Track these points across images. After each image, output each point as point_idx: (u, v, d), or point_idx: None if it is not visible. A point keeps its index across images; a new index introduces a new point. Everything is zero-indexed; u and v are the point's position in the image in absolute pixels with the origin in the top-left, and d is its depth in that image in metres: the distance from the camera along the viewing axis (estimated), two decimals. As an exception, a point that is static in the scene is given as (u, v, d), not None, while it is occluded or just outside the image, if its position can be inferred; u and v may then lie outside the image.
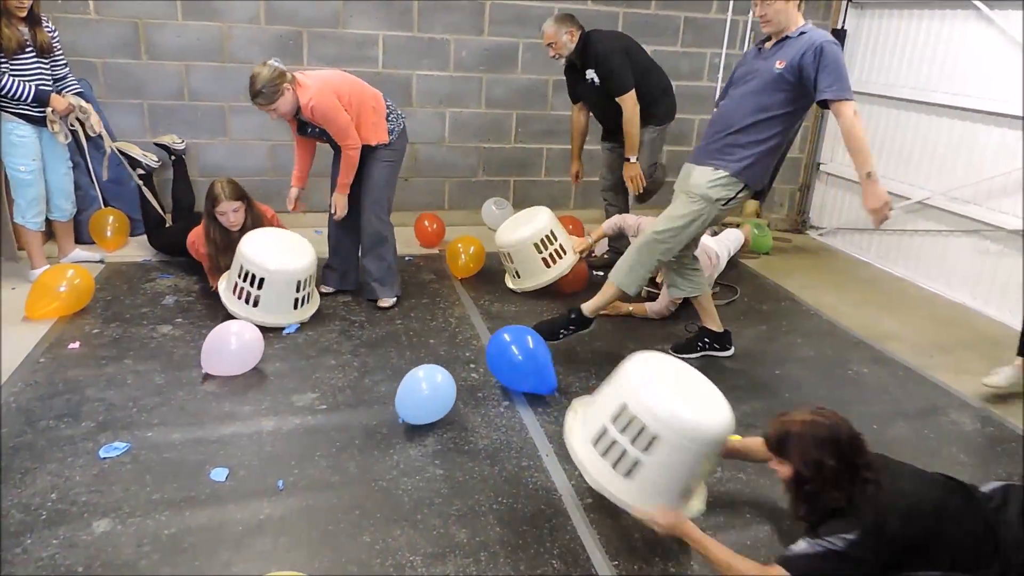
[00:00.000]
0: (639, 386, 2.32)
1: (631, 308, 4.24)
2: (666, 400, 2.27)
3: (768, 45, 3.29)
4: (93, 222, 4.80)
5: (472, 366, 3.56)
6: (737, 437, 3.03)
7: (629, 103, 4.50)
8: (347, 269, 4.27)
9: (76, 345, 3.53)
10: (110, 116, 4.96)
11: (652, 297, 4.32)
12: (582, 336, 3.95)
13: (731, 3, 5.85)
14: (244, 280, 3.74)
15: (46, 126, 4.05)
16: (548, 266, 4.35)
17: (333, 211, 4.05)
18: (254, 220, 4.03)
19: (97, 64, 4.91)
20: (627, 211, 4.95)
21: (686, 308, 4.31)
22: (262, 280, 3.71)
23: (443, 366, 3.49)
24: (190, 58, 5.07)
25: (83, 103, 4.17)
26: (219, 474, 2.63)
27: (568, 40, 4.44)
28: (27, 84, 3.91)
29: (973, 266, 4.83)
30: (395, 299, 4.20)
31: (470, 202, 5.91)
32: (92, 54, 4.87)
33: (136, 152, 4.92)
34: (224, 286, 3.87)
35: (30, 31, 3.94)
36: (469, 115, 5.69)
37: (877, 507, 1.97)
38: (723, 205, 3.35)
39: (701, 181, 3.35)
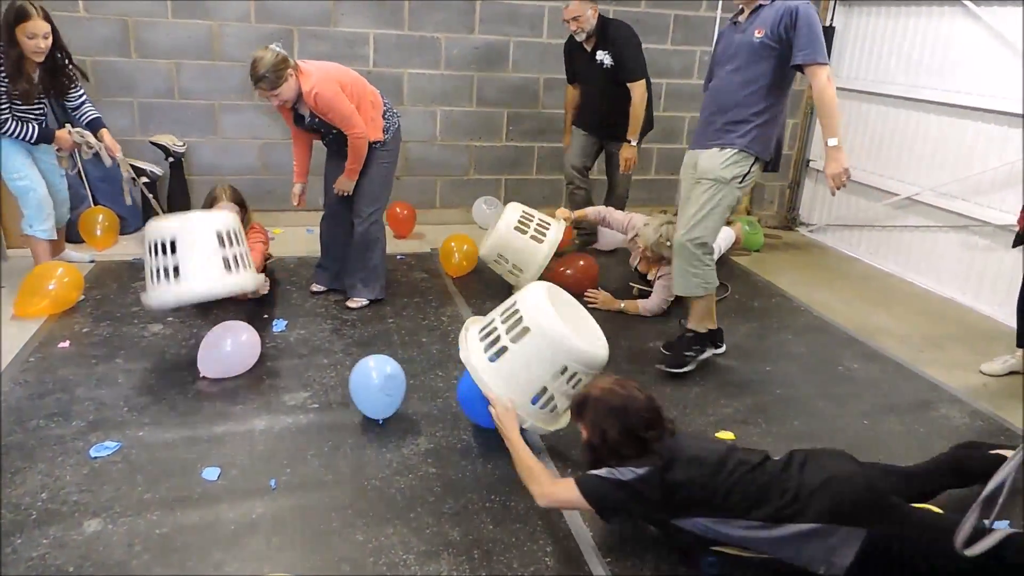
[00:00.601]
0: (531, 292, 2.69)
1: (623, 305, 4.25)
2: (548, 307, 2.61)
3: (743, 17, 3.28)
4: (83, 221, 4.79)
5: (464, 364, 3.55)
6: (730, 435, 3.06)
7: (639, 90, 4.62)
8: (339, 269, 4.24)
9: (66, 344, 3.51)
10: (100, 113, 4.93)
11: (644, 295, 4.33)
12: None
13: (720, 1, 5.86)
14: (156, 255, 3.21)
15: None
16: (540, 242, 4.22)
17: (337, 190, 3.96)
18: (246, 227, 3.98)
19: (87, 62, 4.86)
20: (591, 194, 5.13)
21: (680, 305, 4.32)
22: (173, 242, 3.20)
23: (436, 365, 3.52)
24: (180, 56, 5.05)
25: (89, 138, 4.08)
26: (211, 473, 2.62)
27: (591, 16, 4.51)
28: (30, 125, 3.89)
29: (962, 261, 4.85)
30: (367, 301, 4.14)
31: (461, 200, 5.91)
32: (81, 52, 4.82)
33: (141, 164, 4.94)
34: (147, 289, 3.35)
35: (48, 74, 3.89)
36: (460, 114, 5.69)
37: (668, 455, 2.16)
38: (739, 183, 3.32)
39: (712, 164, 3.32)
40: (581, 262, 4.49)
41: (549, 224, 4.31)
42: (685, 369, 3.55)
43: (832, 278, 5.18)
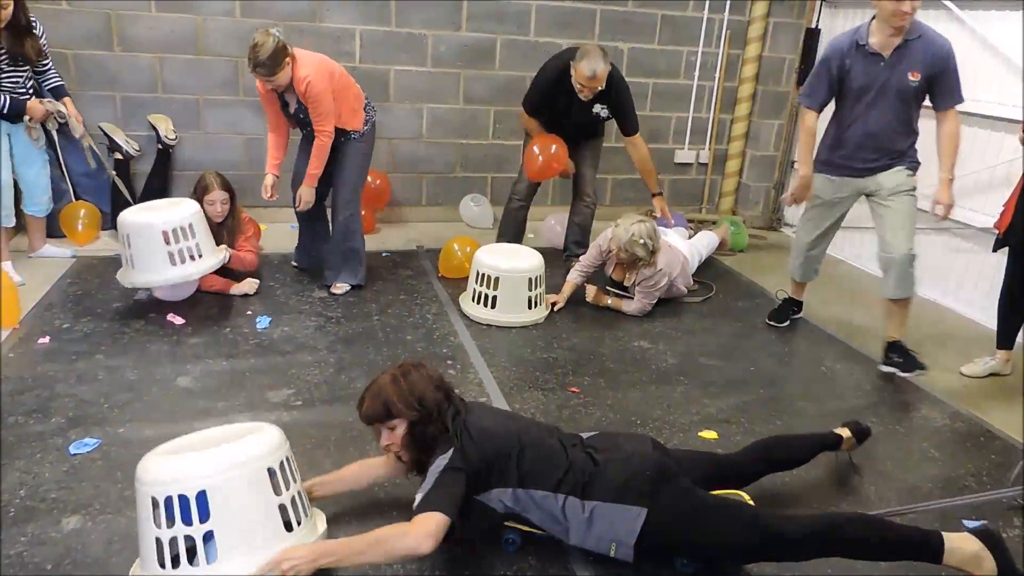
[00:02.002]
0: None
1: (609, 301, 4.25)
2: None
3: (883, 48, 3.35)
4: (64, 215, 4.74)
5: (449, 362, 3.55)
6: (713, 434, 3.07)
7: (643, 144, 4.62)
8: (315, 251, 4.45)
9: (46, 340, 3.48)
10: (82, 108, 4.86)
11: (628, 294, 4.33)
12: (560, 333, 3.98)
13: (707, 2, 5.88)
14: (123, 244, 3.72)
15: (15, 122, 3.99)
16: (530, 307, 4.06)
17: (297, 203, 4.12)
18: (235, 216, 4.12)
19: (68, 55, 4.83)
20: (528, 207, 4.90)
21: (664, 306, 4.34)
22: (128, 236, 3.67)
23: (421, 362, 3.50)
24: (164, 50, 5.01)
25: (60, 107, 4.08)
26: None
27: None
28: (2, 95, 3.86)
29: (944, 263, 4.89)
30: (349, 287, 4.26)
31: (448, 198, 5.90)
32: (63, 45, 4.79)
33: (120, 136, 4.90)
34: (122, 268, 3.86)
35: (14, 39, 3.84)
36: (447, 111, 5.67)
37: (463, 432, 2.21)
38: None
39: (904, 180, 3.61)
40: (554, 147, 4.51)
41: (540, 302, 4.13)
42: (923, 370, 3.66)
43: (815, 279, 5.20)
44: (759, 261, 5.48)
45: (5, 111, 3.87)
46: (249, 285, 4.12)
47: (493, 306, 4.02)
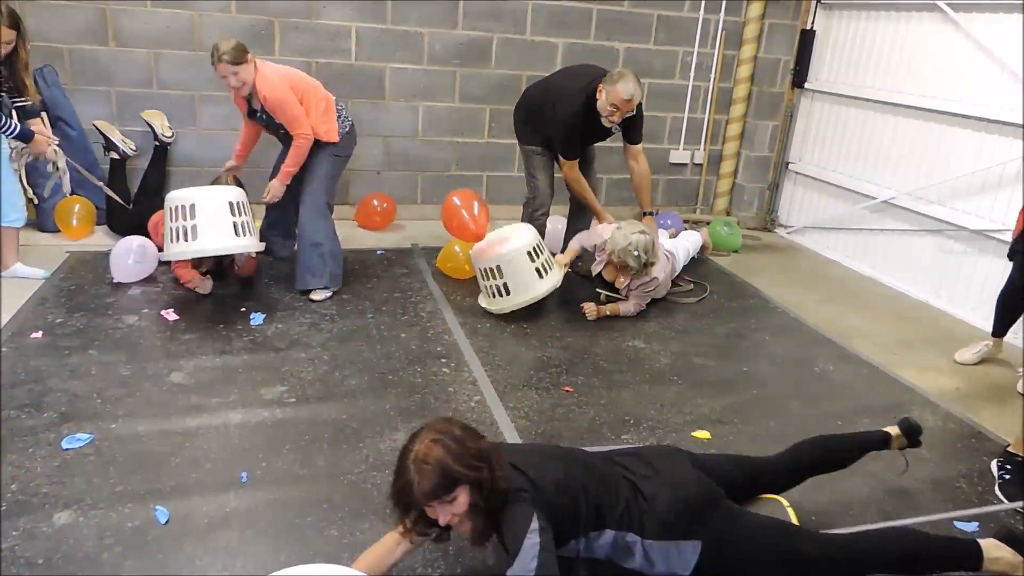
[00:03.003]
0: None
1: (607, 311, 4.24)
2: None
3: None
4: (59, 210, 4.72)
5: (443, 360, 3.55)
6: (706, 434, 3.08)
7: (645, 158, 4.55)
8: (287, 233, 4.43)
9: (39, 334, 3.46)
10: (76, 103, 4.87)
11: (611, 300, 4.30)
12: (554, 332, 3.97)
13: (703, 2, 5.89)
14: (177, 219, 3.67)
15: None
16: (540, 276, 4.06)
17: (265, 195, 4.12)
18: None
19: (63, 50, 4.81)
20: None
21: (657, 304, 4.35)
22: (193, 207, 3.65)
23: (414, 360, 3.51)
24: (159, 46, 4.99)
25: (61, 163, 3.96)
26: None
27: None
28: (12, 120, 3.72)
29: (937, 265, 4.91)
30: (330, 294, 4.16)
31: (443, 197, 5.87)
32: (58, 40, 4.77)
33: (116, 135, 4.86)
34: (165, 248, 3.84)
35: (7, 71, 3.71)
36: (443, 109, 5.67)
37: (533, 485, 1.99)
38: None
39: None
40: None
41: (552, 266, 4.15)
42: None
43: (809, 280, 5.23)
44: (753, 262, 5.49)
45: (12, 135, 3.73)
46: (204, 286, 4.04)
47: (508, 293, 4.03)
